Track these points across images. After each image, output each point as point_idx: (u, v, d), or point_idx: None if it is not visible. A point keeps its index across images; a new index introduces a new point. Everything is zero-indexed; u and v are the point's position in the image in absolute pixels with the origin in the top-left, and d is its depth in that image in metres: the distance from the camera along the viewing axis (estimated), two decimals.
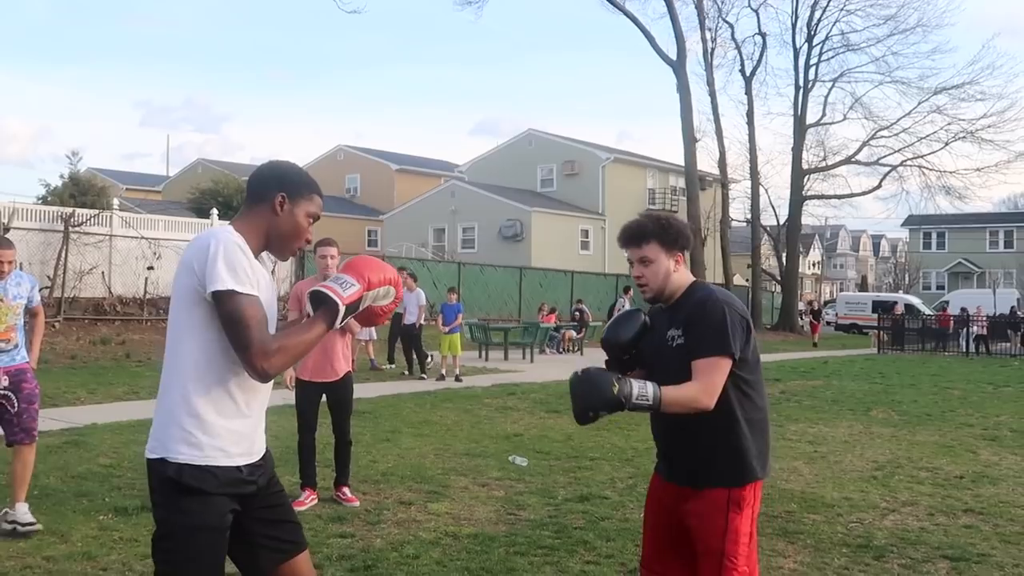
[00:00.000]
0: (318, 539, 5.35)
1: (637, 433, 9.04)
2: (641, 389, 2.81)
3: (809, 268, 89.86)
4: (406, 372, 15.66)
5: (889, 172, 41.39)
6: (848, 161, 41.72)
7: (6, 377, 5.43)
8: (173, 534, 2.38)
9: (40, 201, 24.54)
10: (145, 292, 20.53)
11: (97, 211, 20.80)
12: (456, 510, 6.13)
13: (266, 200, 2.54)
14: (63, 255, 19.32)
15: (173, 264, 21.74)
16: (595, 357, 7.84)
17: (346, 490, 6.37)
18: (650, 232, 3.10)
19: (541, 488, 6.86)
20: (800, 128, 40.55)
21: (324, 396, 6.46)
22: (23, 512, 5.46)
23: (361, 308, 2.55)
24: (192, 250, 2.43)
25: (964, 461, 8.52)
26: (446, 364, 15.16)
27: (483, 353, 19.93)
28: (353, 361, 15.53)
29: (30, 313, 5.71)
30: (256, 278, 2.43)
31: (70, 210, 20.11)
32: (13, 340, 5.47)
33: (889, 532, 5.84)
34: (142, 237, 20.85)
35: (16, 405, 5.46)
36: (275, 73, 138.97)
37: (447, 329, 15.22)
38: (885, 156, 41.49)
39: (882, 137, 41.14)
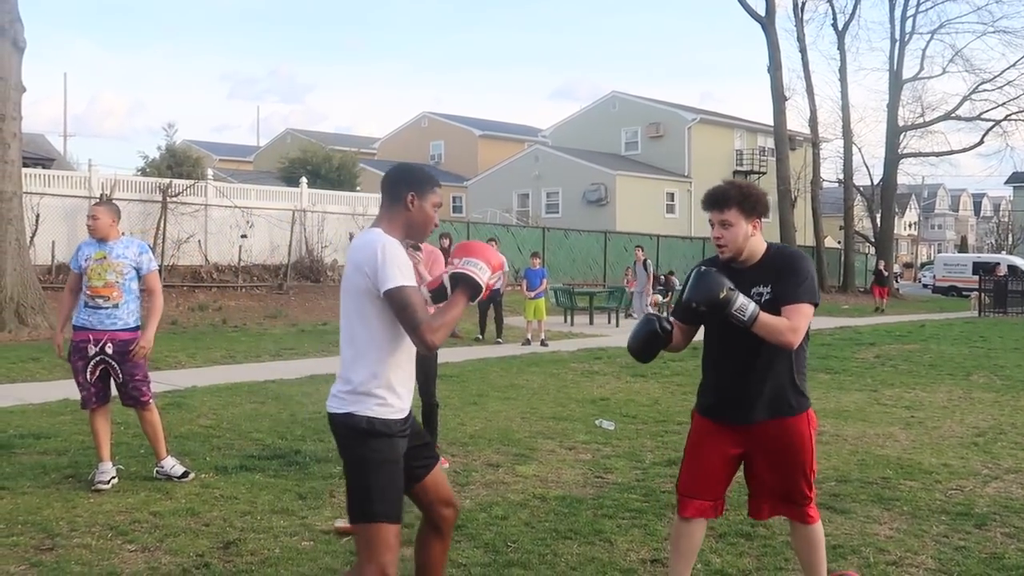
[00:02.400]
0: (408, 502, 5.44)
1: None
2: (744, 303, 3.30)
3: (905, 229, 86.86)
4: (480, 336, 15.66)
5: (992, 127, 39.55)
6: (948, 117, 40.01)
7: (111, 344, 5.64)
8: (366, 468, 2.99)
9: (139, 173, 25.39)
10: (240, 260, 21.12)
11: (192, 182, 21.43)
12: (543, 473, 6.17)
13: (400, 199, 3.10)
14: (162, 224, 20.02)
15: (265, 232, 22.32)
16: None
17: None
18: (732, 198, 3.46)
19: (628, 452, 6.84)
20: (896, 83, 39.00)
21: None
22: (171, 465, 5.82)
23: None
24: (361, 254, 2.98)
25: None
26: (531, 329, 15.19)
27: (568, 318, 19.93)
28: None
29: (145, 285, 5.81)
30: (409, 267, 2.96)
31: (167, 181, 20.77)
32: (115, 298, 5.66)
33: (991, 500, 5.64)
34: (235, 206, 21.42)
35: (120, 376, 5.69)
36: (353, 41, 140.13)
37: (532, 294, 15.24)
38: (988, 111, 39.64)
39: (984, 91, 39.30)
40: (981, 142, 40.16)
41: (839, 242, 47.27)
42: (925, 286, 51.67)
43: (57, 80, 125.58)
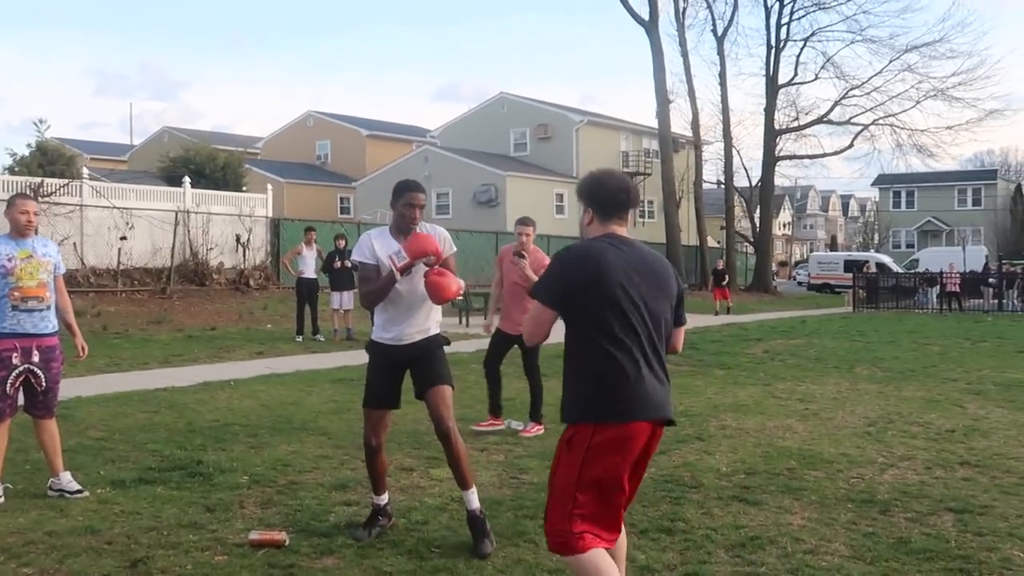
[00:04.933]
0: (323, 507, 5.29)
1: None
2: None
3: (779, 229, 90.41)
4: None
5: (861, 131, 41.62)
6: (820, 121, 41.83)
7: (37, 352, 5.32)
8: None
9: (7, 171, 23.97)
10: (119, 263, 20.20)
11: (67, 181, 20.34)
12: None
13: (392, 206, 4.74)
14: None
15: (146, 234, 21.40)
16: None
17: (532, 426, 7.64)
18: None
19: (540, 451, 6.83)
20: (772, 88, 40.54)
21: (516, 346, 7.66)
22: (68, 480, 5.51)
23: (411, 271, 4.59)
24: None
25: (953, 415, 8.61)
26: None
27: (463, 319, 19.87)
28: (335, 332, 15.38)
29: (56, 286, 5.57)
30: (367, 248, 4.72)
31: (39, 180, 19.66)
32: (47, 299, 5.37)
33: (891, 486, 5.88)
34: (113, 207, 20.45)
35: (43, 383, 5.37)
36: (229, 36, 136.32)
37: None
38: (856, 115, 41.70)
39: (853, 96, 41.31)
40: (851, 145, 42.23)
41: (719, 242, 48.85)
42: (800, 283, 53.90)
43: None
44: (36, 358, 5.35)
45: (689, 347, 14.75)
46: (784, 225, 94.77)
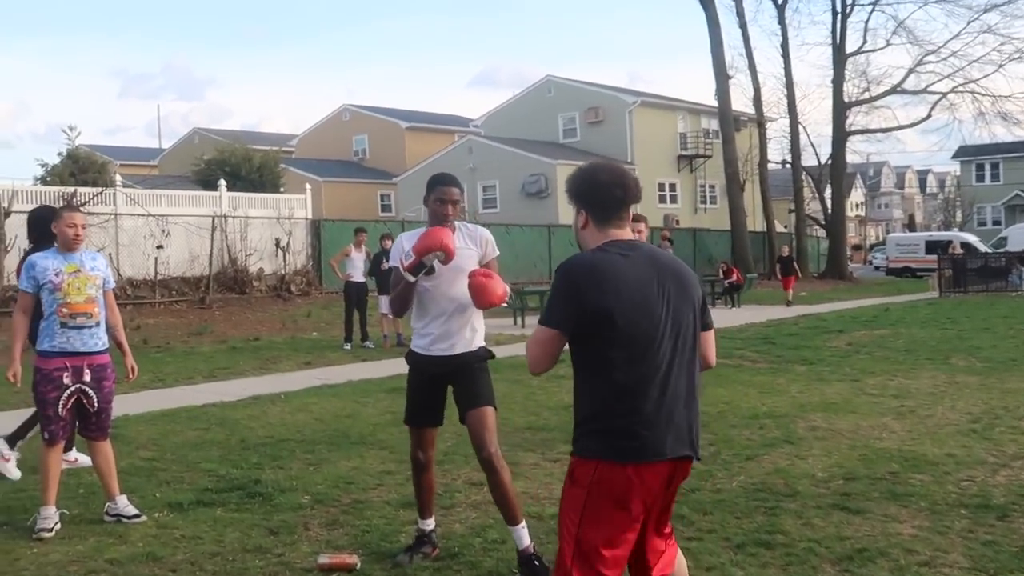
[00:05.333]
0: (392, 527, 5.30)
1: (704, 397, 8.92)
2: None
3: (852, 210, 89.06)
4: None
5: (939, 100, 40.81)
6: (893, 91, 41.16)
7: (88, 371, 5.41)
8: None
9: (39, 182, 24.56)
10: (156, 273, 20.56)
11: (100, 189, 20.81)
12: (532, 489, 6.06)
13: (425, 203, 4.69)
14: None
15: (183, 241, 21.78)
16: None
17: None
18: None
19: None
20: (839, 58, 39.92)
21: None
22: (125, 504, 5.59)
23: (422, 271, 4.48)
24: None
25: None
26: None
27: (518, 320, 19.85)
28: (385, 338, 15.45)
29: (106, 302, 5.66)
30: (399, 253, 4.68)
31: (71, 189, 20.12)
32: (96, 315, 5.46)
33: (1006, 488, 5.71)
34: (148, 214, 20.84)
35: (96, 404, 5.47)
36: (255, 30, 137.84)
37: None
38: (933, 83, 40.89)
39: (929, 63, 40.52)
40: (928, 116, 41.44)
41: (785, 226, 48.22)
42: (877, 268, 52.97)
43: None
44: (87, 377, 5.44)
45: (765, 342, 14.59)
46: (856, 205, 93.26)
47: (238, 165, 27.33)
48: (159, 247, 20.80)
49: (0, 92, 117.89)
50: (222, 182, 23.67)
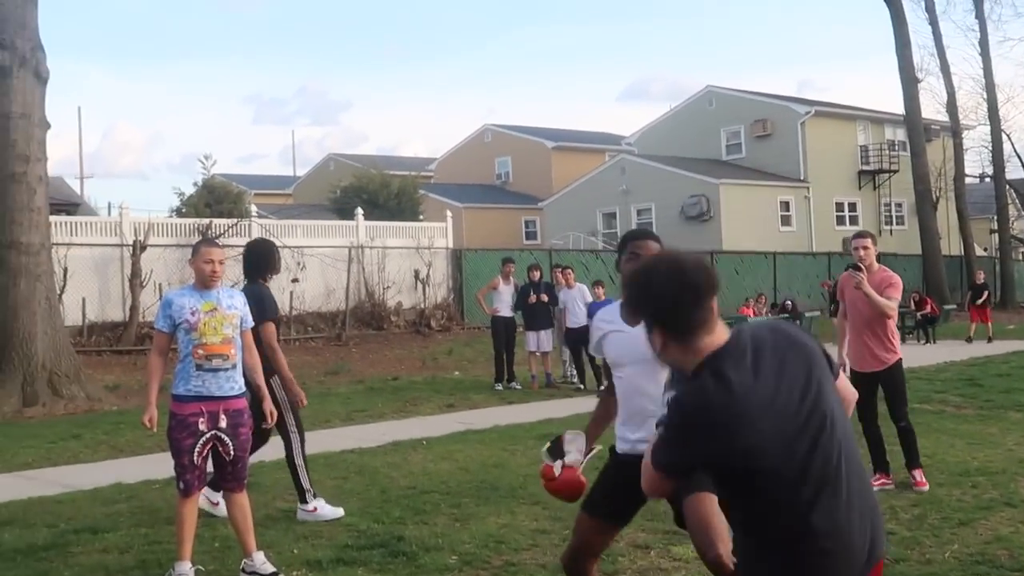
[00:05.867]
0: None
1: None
2: None
3: None
4: (582, 386, 15.28)
5: None
6: None
7: (225, 417, 5.54)
8: None
9: (174, 213, 25.91)
10: (291, 307, 21.24)
11: (235, 220, 21.73)
12: None
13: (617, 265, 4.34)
14: None
15: (318, 274, 22.45)
16: None
17: (916, 473, 7.47)
18: None
19: None
20: None
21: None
22: (261, 562, 5.70)
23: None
24: None
25: None
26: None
27: None
28: (533, 378, 15.43)
29: (244, 342, 5.81)
30: None
31: (207, 221, 21.09)
32: (233, 357, 5.60)
33: None
34: (284, 246, 21.55)
35: (232, 452, 5.60)
36: (389, 50, 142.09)
37: None
38: None
39: None
40: None
41: (985, 249, 45.85)
42: None
43: (67, 115, 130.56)
44: (223, 423, 5.56)
45: (971, 384, 13.81)
46: None
47: (375, 192, 28.10)
48: (294, 280, 21.49)
49: (134, 122, 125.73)
50: (359, 211, 24.33)
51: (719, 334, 2.62)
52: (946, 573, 5.24)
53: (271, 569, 5.64)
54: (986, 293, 24.74)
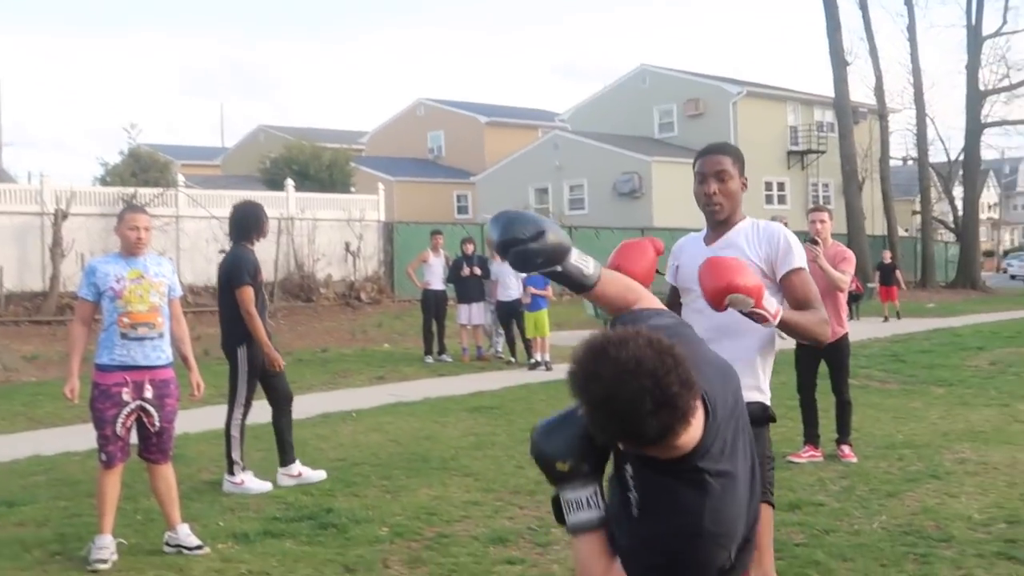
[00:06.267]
0: (482, 567, 5.11)
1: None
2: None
3: (983, 211, 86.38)
4: (512, 360, 15.22)
5: None
6: None
7: (150, 387, 5.36)
8: None
9: (98, 182, 25.20)
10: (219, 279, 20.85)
11: (161, 190, 21.20)
12: None
13: None
14: None
15: None
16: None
17: (845, 447, 7.52)
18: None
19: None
20: (975, 41, 38.71)
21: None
22: (186, 534, 5.53)
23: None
24: None
25: None
26: (539, 346, 14.56)
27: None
28: (464, 351, 15.34)
29: (171, 311, 5.63)
30: None
31: (132, 190, 20.55)
32: (160, 326, 5.42)
33: None
34: (212, 217, 21.13)
35: (157, 423, 5.42)
36: (321, 22, 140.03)
37: (529, 304, 14.52)
38: None
39: None
40: None
41: (906, 230, 46.77)
42: (1013, 277, 51.21)
43: None
44: (149, 394, 5.38)
45: (894, 359, 14.07)
46: (988, 207, 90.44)
47: (306, 164, 27.64)
48: (222, 252, 21.00)
49: (55, 91, 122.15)
50: (289, 182, 23.91)
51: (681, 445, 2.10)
52: (875, 543, 5.28)
53: (196, 542, 5.48)
54: (896, 272, 25.26)
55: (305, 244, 22.70)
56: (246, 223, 7.06)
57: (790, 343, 4.30)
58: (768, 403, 3.63)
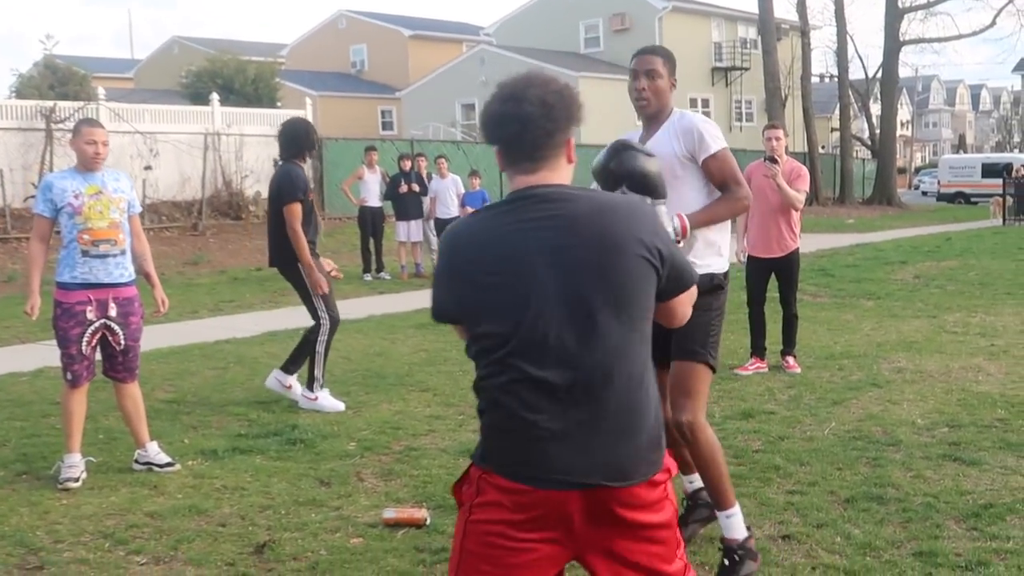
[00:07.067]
0: (454, 477, 5.18)
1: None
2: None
3: (897, 129, 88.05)
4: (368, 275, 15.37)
5: (1005, 5, 39.95)
6: None
7: (114, 305, 5.29)
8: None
9: (13, 95, 24.24)
10: (145, 196, 20.35)
11: (81, 104, 20.46)
12: None
13: None
14: (47, 157, 19.11)
15: (172, 161, 21.50)
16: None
17: (790, 358, 7.79)
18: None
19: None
20: None
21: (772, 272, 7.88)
22: (156, 452, 5.53)
23: None
24: None
25: None
26: None
27: None
28: (403, 268, 15.33)
29: (132, 228, 5.53)
30: None
31: (51, 104, 19.79)
32: (121, 242, 5.33)
33: None
34: (136, 131, 20.55)
35: (122, 341, 5.37)
36: None
37: None
38: None
39: None
40: (993, 23, 40.69)
41: (823, 147, 47.53)
42: (925, 193, 52.54)
43: None
44: (113, 312, 5.33)
45: (823, 274, 14.45)
46: (902, 124, 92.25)
47: (230, 77, 26.86)
48: (147, 168, 20.52)
49: None
50: (215, 96, 23.29)
51: (535, 178, 2.41)
52: (827, 448, 5.52)
53: (166, 459, 5.50)
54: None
55: (232, 160, 22.23)
56: (297, 140, 6.86)
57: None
58: (716, 271, 3.95)
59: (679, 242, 3.65)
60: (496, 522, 2.29)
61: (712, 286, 3.86)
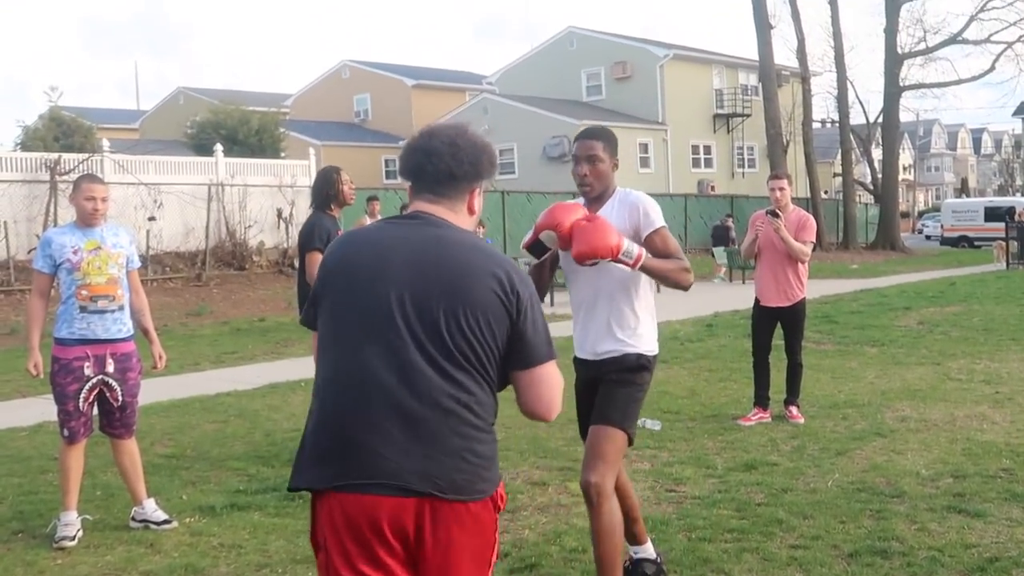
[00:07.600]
0: None
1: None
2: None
3: (899, 173, 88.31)
4: None
5: (1004, 51, 40.27)
6: (953, 41, 40.68)
7: (112, 360, 5.28)
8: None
9: (19, 147, 24.44)
10: (148, 247, 20.44)
11: (86, 156, 20.65)
12: None
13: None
14: (51, 208, 19.24)
15: (176, 212, 21.64)
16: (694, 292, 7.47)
17: (793, 408, 7.73)
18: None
19: (692, 456, 6.63)
20: (893, 4, 39.43)
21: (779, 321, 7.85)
22: (153, 509, 5.49)
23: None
24: None
25: None
26: None
27: (547, 296, 19.67)
28: None
29: (130, 283, 5.53)
30: None
31: (55, 156, 19.96)
32: (119, 298, 5.33)
33: None
34: (140, 183, 20.69)
35: (120, 397, 5.36)
36: None
37: None
38: (998, 32, 40.60)
39: (994, 9, 39.99)
40: (992, 68, 40.90)
41: (826, 192, 47.69)
42: (929, 237, 52.65)
43: None
44: (111, 367, 5.32)
45: (826, 320, 14.42)
46: (904, 168, 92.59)
47: (234, 128, 27.10)
48: (151, 219, 20.66)
49: None
50: (219, 147, 23.47)
51: (430, 207, 2.56)
52: (831, 500, 5.47)
53: (163, 516, 5.46)
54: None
55: (236, 211, 22.36)
56: (321, 189, 6.83)
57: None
58: (644, 352, 4.11)
59: (632, 267, 3.87)
60: None
61: (637, 365, 4.06)
